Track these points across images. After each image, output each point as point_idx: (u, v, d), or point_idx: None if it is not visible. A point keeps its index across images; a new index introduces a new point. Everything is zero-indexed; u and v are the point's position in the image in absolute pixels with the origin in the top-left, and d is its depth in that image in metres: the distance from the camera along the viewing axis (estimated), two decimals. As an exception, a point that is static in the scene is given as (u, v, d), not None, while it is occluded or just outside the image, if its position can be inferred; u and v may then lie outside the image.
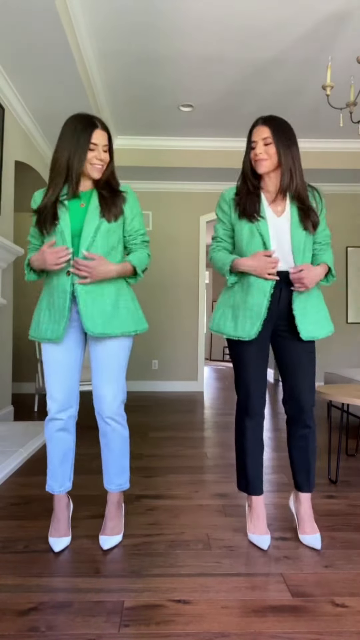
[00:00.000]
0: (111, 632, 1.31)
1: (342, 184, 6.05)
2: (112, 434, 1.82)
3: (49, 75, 3.52)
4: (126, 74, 3.92)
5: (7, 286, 3.83)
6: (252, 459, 1.85)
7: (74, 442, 1.87)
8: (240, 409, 1.86)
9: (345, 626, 1.34)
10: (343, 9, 3.12)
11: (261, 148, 1.73)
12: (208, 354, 11.82)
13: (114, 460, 1.84)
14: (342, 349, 6.22)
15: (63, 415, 1.81)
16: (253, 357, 1.80)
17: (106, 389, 1.79)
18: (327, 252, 1.85)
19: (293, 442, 1.86)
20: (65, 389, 1.81)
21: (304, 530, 1.84)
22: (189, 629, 1.32)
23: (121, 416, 1.83)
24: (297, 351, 1.80)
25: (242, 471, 1.88)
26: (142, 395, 5.67)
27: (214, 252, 1.89)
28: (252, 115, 4.68)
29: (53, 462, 1.84)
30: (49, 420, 1.82)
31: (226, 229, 1.87)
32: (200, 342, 6.17)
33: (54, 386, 1.80)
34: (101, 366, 1.80)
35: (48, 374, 1.81)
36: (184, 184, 6.06)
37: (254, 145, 1.75)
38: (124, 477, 1.87)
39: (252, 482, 1.85)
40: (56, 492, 1.83)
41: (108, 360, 1.80)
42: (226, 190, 1.87)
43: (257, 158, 1.74)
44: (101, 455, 1.88)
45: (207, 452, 3.16)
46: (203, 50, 3.58)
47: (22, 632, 1.31)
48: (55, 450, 1.83)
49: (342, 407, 2.84)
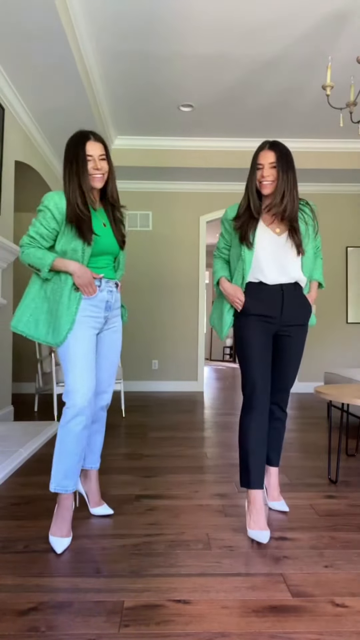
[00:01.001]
0: (111, 632, 1.31)
1: (342, 184, 6.06)
2: (103, 419, 2.10)
3: (49, 75, 3.52)
4: (126, 73, 3.92)
5: (7, 286, 3.83)
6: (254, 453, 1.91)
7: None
8: (245, 402, 1.98)
9: (345, 626, 1.34)
10: (343, 9, 3.12)
11: (268, 171, 1.87)
12: (208, 354, 11.82)
13: (102, 440, 2.11)
14: (342, 349, 6.22)
15: (88, 411, 1.84)
16: (257, 352, 1.95)
17: (110, 381, 2.07)
18: (318, 264, 2.12)
19: (271, 424, 2.14)
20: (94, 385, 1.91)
21: (272, 497, 2.16)
22: (189, 629, 1.32)
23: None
24: (293, 350, 2.05)
25: (245, 464, 1.93)
26: (142, 395, 5.67)
27: (215, 259, 2.18)
28: (252, 116, 4.68)
29: (72, 462, 1.82)
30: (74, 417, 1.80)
31: (226, 244, 2.12)
32: (200, 342, 6.17)
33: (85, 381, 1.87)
34: (112, 366, 2.06)
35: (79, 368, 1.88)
36: (184, 184, 6.06)
37: (259, 167, 1.89)
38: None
39: (253, 476, 1.90)
40: (69, 491, 1.83)
41: (117, 361, 2.09)
42: (230, 208, 2.06)
43: (264, 181, 1.88)
44: (90, 440, 2.05)
45: (207, 452, 3.16)
46: (203, 50, 3.58)
47: (22, 632, 1.31)
48: (78, 448, 1.83)
49: (342, 407, 2.84)
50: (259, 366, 1.94)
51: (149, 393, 5.90)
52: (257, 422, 1.92)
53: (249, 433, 1.92)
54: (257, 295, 1.96)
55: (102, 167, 1.82)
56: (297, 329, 2.03)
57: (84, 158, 1.79)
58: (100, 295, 1.90)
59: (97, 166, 1.80)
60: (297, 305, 2.00)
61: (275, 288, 1.96)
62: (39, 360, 4.62)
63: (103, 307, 1.92)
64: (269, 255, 1.94)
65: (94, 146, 1.81)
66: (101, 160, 1.82)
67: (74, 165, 1.80)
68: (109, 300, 1.94)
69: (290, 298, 1.97)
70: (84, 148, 1.79)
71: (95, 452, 2.09)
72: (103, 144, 1.85)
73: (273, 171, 1.87)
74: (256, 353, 1.95)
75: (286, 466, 2.83)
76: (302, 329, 2.06)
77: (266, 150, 1.89)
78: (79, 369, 1.84)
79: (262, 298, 1.96)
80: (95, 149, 1.81)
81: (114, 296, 1.97)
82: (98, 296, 1.90)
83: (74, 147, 1.80)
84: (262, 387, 1.93)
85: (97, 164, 1.80)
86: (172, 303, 6.15)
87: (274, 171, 1.87)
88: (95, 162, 1.80)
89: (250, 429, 1.92)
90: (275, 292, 1.96)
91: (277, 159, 1.87)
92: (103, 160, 1.83)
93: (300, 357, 2.10)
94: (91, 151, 1.80)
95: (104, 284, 1.92)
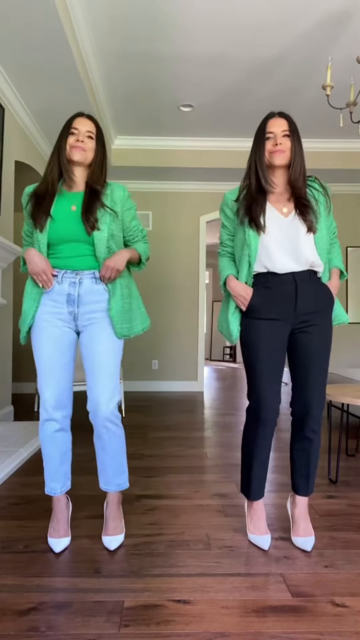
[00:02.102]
0: (111, 632, 1.31)
1: (342, 184, 6.05)
2: (107, 436, 1.77)
3: (49, 75, 3.52)
4: (126, 73, 3.92)
5: (7, 286, 3.83)
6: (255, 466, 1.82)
7: (70, 442, 1.86)
8: (251, 413, 1.80)
9: (345, 626, 1.34)
10: (343, 9, 3.12)
11: (282, 139, 1.69)
12: (208, 354, 11.82)
13: (112, 460, 1.81)
14: (342, 349, 6.22)
15: (59, 415, 1.78)
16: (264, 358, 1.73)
17: (102, 391, 1.74)
18: (336, 251, 1.84)
19: (297, 444, 1.83)
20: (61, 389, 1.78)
21: (296, 532, 1.82)
22: (189, 629, 1.32)
23: (116, 417, 1.78)
24: (312, 351, 1.75)
25: (246, 474, 1.86)
26: (142, 395, 5.67)
27: (220, 256, 1.91)
28: (252, 116, 4.68)
29: (53, 464, 1.80)
30: (45, 421, 1.78)
31: (230, 234, 1.85)
32: (200, 342, 6.17)
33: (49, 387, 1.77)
34: (97, 367, 1.74)
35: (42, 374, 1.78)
36: (184, 184, 6.06)
37: (270, 136, 1.71)
38: (123, 477, 1.84)
39: (254, 489, 1.84)
40: (57, 494, 1.81)
41: (105, 360, 1.75)
42: (229, 192, 1.83)
43: (277, 149, 1.69)
44: (97, 457, 1.83)
45: (207, 452, 3.16)
46: (203, 50, 3.58)
47: (22, 632, 1.31)
48: (56, 451, 1.80)
49: (342, 407, 2.84)
50: (266, 375, 1.73)
51: (149, 393, 5.90)
52: (260, 436, 1.77)
53: (250, 445, 1.81)
54: (266, 290, 1.73)
55: (85, 141, 1.74)
56: (317, 323, 1.74)
57: (69, 131, 1.74)
58: (58, 287, 1.73)
59: (79, 138, 1.73)
60: (314, 295, 1.73)
61: (287, 278, 1.71)
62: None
63: (64, 301, 1.74)
64: (277, 238, 1.70)
65: (82, 122, 1.75)
66: (88, 136, 1.75)
67: (58, 141, 1.77)
68: (71, 294, 1.73)
69: (305, 289, 1.72)
70: (71, 123, 1.75)
71: (103, 472, 1.83)
72: (95, 124, 1.78)
73: (286, 140, 1.69)
74: (263, 359, 1.73)
75: (286, 466, 2.82)
76: (323, 324, 1.75)
77: (277, 118, 1.71)
78: (40, 373, 1.76)
79: (271, 293, 1.72)
80: (83, 124, 1.75)
81: (83, 288, 1.74)
82: (55, 288, 1.73)
83: (65, 124, 1.77)
84: (267, 398, 1.73)
85: (79, 137, 1.73)
86: (172, 303, 6.15)
87: (288, 140, 1.69)
88: (79, 136, 1.74)
89: (253, 442, 1.79)
90: (287, 283, 1.71)
91: (290, 128, 1.69)
92: (90, 138, 1.76)
93: (324, 358, 1.75)
94: (77, 125, 1.74)
95: (66, 274, 1.74)
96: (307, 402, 1.75)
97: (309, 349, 1.75)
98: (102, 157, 1.80)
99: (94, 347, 1.75)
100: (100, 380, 1.74)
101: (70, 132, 1.74)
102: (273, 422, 1.77)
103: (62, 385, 1.78)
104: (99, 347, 1.75)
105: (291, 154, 1.71)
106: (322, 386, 1.76)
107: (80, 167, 1.78)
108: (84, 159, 1.75)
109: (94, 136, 1.77)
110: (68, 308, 1.75)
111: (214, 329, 11.75)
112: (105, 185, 1.80)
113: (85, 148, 1.74)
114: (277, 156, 1.69)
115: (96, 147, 1.78)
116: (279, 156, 1.69)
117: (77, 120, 1.76)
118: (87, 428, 3.67)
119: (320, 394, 1.75)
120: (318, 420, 1.77)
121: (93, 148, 1.77)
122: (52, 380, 1.76)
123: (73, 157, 1.73)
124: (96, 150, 1.78)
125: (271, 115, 1.73)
